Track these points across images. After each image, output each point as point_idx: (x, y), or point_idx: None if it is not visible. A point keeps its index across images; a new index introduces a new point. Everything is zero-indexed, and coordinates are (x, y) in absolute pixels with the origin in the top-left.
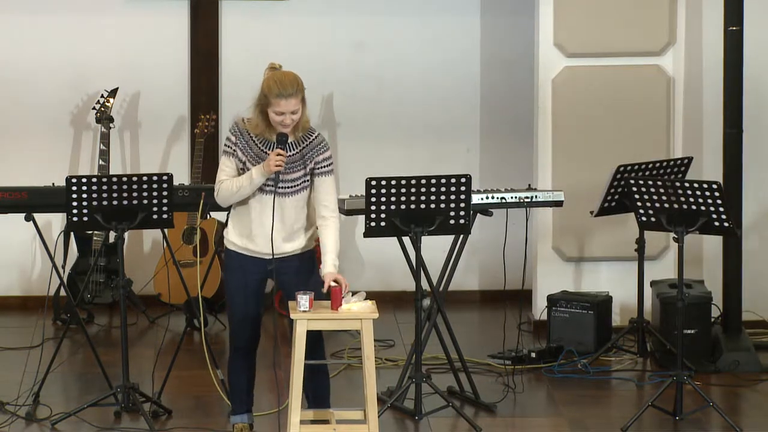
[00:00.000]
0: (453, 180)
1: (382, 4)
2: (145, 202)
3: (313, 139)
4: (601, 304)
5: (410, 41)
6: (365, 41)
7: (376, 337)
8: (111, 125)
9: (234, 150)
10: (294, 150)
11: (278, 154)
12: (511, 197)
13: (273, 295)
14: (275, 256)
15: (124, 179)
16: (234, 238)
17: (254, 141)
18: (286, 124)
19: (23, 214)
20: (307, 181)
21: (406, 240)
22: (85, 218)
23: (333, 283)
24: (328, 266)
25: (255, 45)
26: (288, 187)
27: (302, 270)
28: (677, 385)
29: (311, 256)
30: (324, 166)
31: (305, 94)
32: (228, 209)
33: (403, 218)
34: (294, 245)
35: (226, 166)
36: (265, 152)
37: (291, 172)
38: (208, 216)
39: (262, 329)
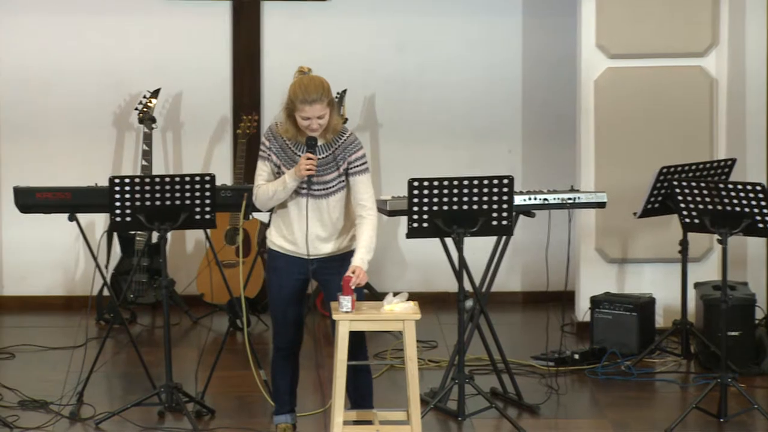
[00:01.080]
0: (495, 181)
1: (423, 4)
2: (188, 202)
3: (345, 139)
4: (645, 305)
5: (452, 42)
6: (407, 42)
7: (418, 338)
8: (153, 126)
9: (269, 154)
10: (326, 152)
11: (308, 158)
12: (554, 198)
13: (315, 296)
14: (316, 257)
15: (167, 180)
16: (275, 239)
17: (287, 144)
18: (313, 128)
19: (67, 215)
20: (343, 181)
21: (449, 241)
22: (128, 218)
23: (351, 274)
24: (356, 260)
25: (296, 45)
26: (324, 189)
27: (344, 272)
28: (721, 387)
29: (350, 256)
30: (357, 166)
31: (333, 96)
32: (270, 211)
33: (446, 219)
34: (334, 246)
35: (262, 171)
36: (298, 155)
37: (324, 174)
38: (251, 216)
39: (305, 330)
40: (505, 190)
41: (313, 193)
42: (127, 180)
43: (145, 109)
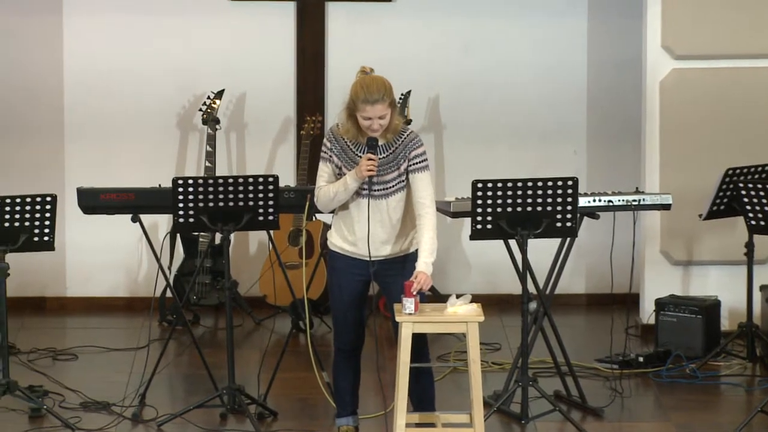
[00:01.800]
0: (560, 183)
1: (488, 5)
2: (251, 203)
3: (405, 137)
4: (710, 308)
5: (517, 43)
6: (472, 43)
7: (482, 340)
8: (217, 127)
9: (330, 155)
10: (386, 151)
11: (369, 159)
12: (619, 200)
13: (378, 298)
14: (377, 259)
15: (230, 181)
16: (336, 240)
17: (348, 146)
18: (374, 129)
19: (130, 216)
20: (403, 181)
21: (513, 243)
22: (191, 220)
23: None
24: (420, 265)
25: (360, 46)
26: (384, 189)
27: (406, 273)
28: None
29: (415, 259)
30: (417, 163)
31: (396, 96)
32: (332, 212)
33: (510, 221)
34: (396, 248)
35: (323, 172)
36: (359, 156)
37: (385, 174)
38: (314, 218)
39: (367, 332)
40: (570, 191)
41: (373, 194)
42: (190, 181)
43: (209, 110)
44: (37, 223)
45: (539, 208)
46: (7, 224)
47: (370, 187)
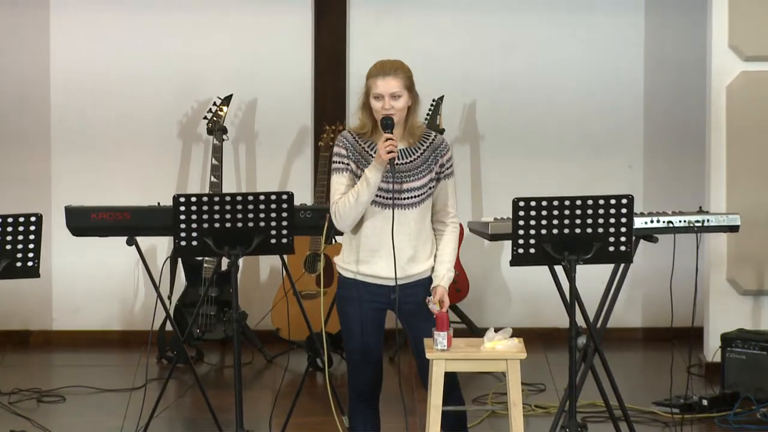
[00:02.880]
0: (613, 201)
1: (531, 0)
2: (263, 224)
3: (433, 140)
4: None
5: (564, 42)
6: (514, 42)
7: (524, 380)
8: (224, 137)
9: (347, 163)
10: (414, 155)
11: (387, 139)
12: (680, 221)
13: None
14: (402, 282)
15: (239, 198)
16: (348, 263)
17: (366, 149)
18: (386, 109)
19: (125, 238)
20: (432, 187)
21: (559, 269)
22: (195, 242)
23: (435, 307)
24: (442, 278)
25: (387, 46)
26: (413, 197)
27: (423, 296)
28: None
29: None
30: (448, 168)
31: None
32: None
33: (556, 244)
34: (420, 267)
35: (339, 185)
36: None
37: (415, 179)
38: (334, 241)
39: (391, 370)
40: (624, 211)
41: (401, 203)
42: (193, 199)
43: (215, 118)
44: (19, 246)
45: (589, 230)
46: None
47: (393, 176)
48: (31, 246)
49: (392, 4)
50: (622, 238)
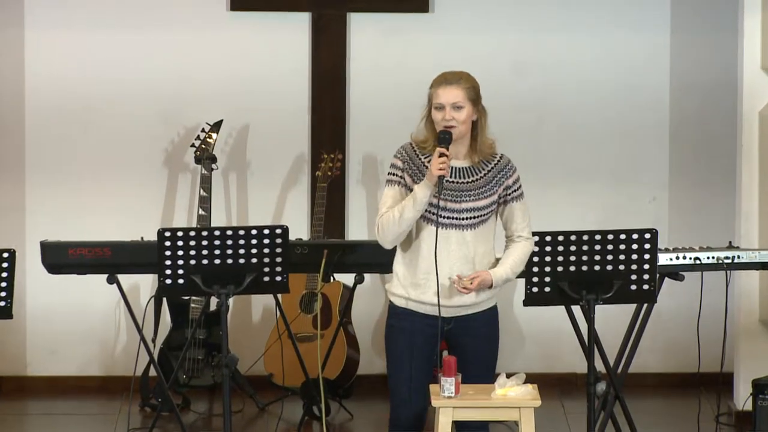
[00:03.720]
0: (635, 236)
1: (546, 18)
2: (255, 261)
3: (499, 160)
4: None
5: (581, 62)
6: (526, 62)
7: (538, 429)
8: (213, 166)
9: (401, 176)
10: (477, 174)
11: (441, 154)
12: (708, 257)
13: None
14: (455, 310)
15: (229, 233)
16: (399, 288)
17: (425, 163)
18: (447, 120)
19: (105, 276)
20: (495, 209)
21: (576, 309)
22: (181, 281)
23: (461, 283)
24: (495, 272)
25: (390, 67)
26: (473, 218)
27: (484, 335)
28: None
29: (494, 316)
30: (515, 189)
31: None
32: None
33: (573, 282)
34: (477, 297)
35: (388, 197)
36: (445, 179)
37: (478, 199)
38: (332, 278)
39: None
40: (648, 246)
41: (459, 223)
42: (180, 233)
43: (203, 146)
44: None
45: (609, 267)
46: None
47: (440, 193)
48: (4, 284)
49: (396, 22)
50: (645, 276)
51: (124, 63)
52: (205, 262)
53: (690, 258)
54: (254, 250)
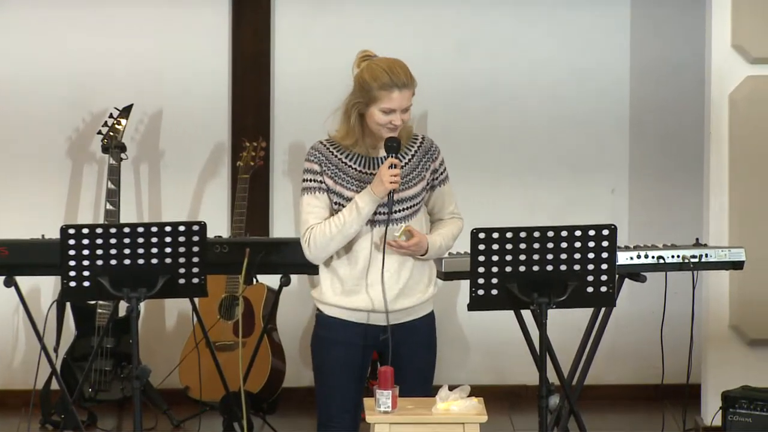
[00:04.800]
0: (592, 232)
1: None
2: (169, 261)
3: (422, 143)
4: None
5: (533, 42)
6: (472, 41)
7: None
8: (122, 155)
9: (321, 180)
10: (404, 159)
11: (392, 165)
12: (672, 256)
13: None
14: (391, 316)
15: (140, 230)
16: (330, 296)
17: (344, 161)
18: (395, 125)
19: (2, 278)
20: (426, 195)
21: (527, 314)
22: (86, 283)
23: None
24: (431, 238)
25: (320, 48)
26: (405, 209)
27: (423, 343)
28: None
29: (432, 324)
30: (442, 172)
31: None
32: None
33: (523, 284)
34: (415, 299)
35: (313, 207)
36: (364, 172)
37: (408, 188)
38: (255, 280)
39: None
40: (606, 244)
41: (391, 217)
42: (85, 230)
43: (111, 133)
44: None
45: (563, 267)
46: None
47: (391, 209)
48: None
49: None
50: (603, 277)
51: (21, 41)
52: (113, 262)
53: (653, 257)
54: (168, 250)
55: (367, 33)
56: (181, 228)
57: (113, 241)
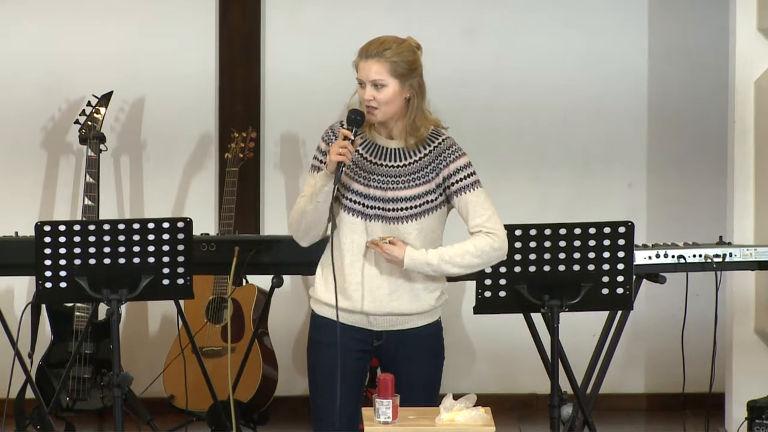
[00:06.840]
0: (607, 229)
1: None
2: (152, 260)
3: (440, 144)
4: None
5: (545, 28)
6: (480, 26)
7: None
8: (102, 147)
9: (321, 161)
10: (410, 158)
11: (344, 137)
12: (694, 255)
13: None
14: (381, 321)
15: (121, 227)
16: (323, 295)
17: (357, 150)
18: (365, 100)
19: None
20: (433, 201)
21: (538, 318)
22: (63, 284)
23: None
24: (412, 251)
25: (314, 34)
26: (402, 209)
27: (424, 352)
28: None
29: (438, 332)
30: (464, 179)
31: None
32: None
33: (533, 286)
34: (413, 305)
35: (307, 186)
36: (369, 160)
37: (407, 188)
38: (245, 281)
39: None
40: (622, 242)
41: (385, 214)
42: (61, 227)
43: (89, 123)
44: None
45: (576, 267)
46: None
47: (336, 184)
48: None
49: None
50: (619, 278)
51: None
52: (92, 261)
53: (673, 256)
54: (151, 248)
55: (363, 17)
56: (166, 225)
57: (92, 238)
